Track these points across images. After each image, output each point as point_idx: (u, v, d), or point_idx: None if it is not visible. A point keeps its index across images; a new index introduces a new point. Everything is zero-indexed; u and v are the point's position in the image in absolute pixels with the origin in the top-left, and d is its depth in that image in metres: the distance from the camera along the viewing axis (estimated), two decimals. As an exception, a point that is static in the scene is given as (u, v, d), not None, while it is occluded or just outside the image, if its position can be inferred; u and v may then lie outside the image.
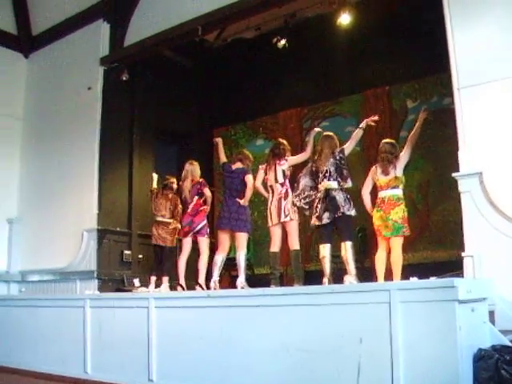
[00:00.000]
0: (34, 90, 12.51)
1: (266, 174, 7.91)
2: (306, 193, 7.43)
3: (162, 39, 10.41)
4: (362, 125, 7.40)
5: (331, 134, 7.57)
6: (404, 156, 7.11)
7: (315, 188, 7.36)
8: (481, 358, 4.54)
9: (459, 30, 7.03)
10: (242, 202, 8.01)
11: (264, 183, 7.98)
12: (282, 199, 7.61)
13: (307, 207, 7.42)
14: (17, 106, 12.52)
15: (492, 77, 6.69)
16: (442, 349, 4.44)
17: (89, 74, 11.28)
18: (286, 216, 7.54)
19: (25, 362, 8.20)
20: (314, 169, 7.43)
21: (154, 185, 9.72)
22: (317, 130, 8.08)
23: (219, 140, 8.68)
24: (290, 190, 7.66)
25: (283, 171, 7.74)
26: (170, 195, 9.45)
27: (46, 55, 12.42)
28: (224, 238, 8.20)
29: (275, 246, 7.75)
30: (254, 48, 11.63)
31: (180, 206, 9.35)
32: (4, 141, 12.16)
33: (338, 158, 7.20)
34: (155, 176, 9.89)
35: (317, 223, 7.21)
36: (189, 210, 8.68)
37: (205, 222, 8.70)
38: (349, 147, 7.34)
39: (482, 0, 6.95)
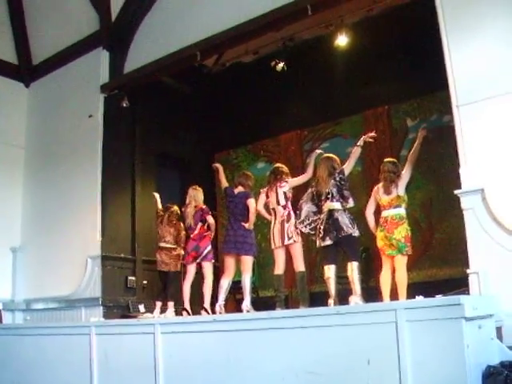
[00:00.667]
0: (36, 118, 12.59)
1: (267, 197, 7.91)
2: (311, 218, 7.40)
3: (161, 65, 10.50)
4: (360, 142, 7.37)
5: (329, 155, 7.53)
6: (405, 175, 7.12)
7: (319, 212, 7.35)
8: (490, 375, 4.51)
9: (456, 47, 7.09)
10: (246, 226, 8.00)
11: (266, 206, 7.98)
12: (285, 222, 7.60)
13: (313, 232, 7.39)
14: (18, 135, 12.59)
15: (490, 93, 6.74)
16: (450, 367, 4.42)
17: (89, 102, 11.36)
18: (289, 239, 7.52)
19: (31, 391, 8.17)
20: (314, 193, 7.43)
21: (159, 205, 9.69)
22: (318, 151, 8.08)
23: (219, 166, 8.70)
24: (292, 212, 7.66)
25: (285, 193, 7.73)
26: (174, 221, 9.45)
27: (46, 84, 12.52)
28: (230, 262, 8.18)
29: (279, 269, 7.71)
30: (253, 72, 11.66)
31: (183, 232, 9.34)
32: (6, 169, 12.23)
33: (337, 179, 7.17)
34: (157, 195, 9.85)
35: (321, 244, 7.20)
36: (193, 236, 8.68)
37: (210, 247, 8.67)
38: (348, 166, 7.32)
39: (477, 17, 7.01)
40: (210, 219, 8.70)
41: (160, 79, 11.51)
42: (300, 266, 7.55)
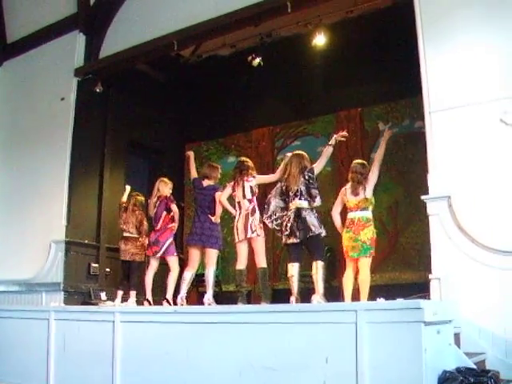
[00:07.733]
0: (7, 98, 12.38)
1: (233, 190, 7.86)
2: (278, 214, 7.39)
3: (137, 52, 10.39)
4: (332, 141, 7.38)
5: (300, 152, 7.54)
6: (372, 176, 7.16)
7: (286, 208, 7.35)
8: (445, 380, 4.56)
9: (432, 54, 7.15)
10: (213, 219, 8.00)
11: (232, 199, 7.94)
12: (249, 215, 7.56)
13: (279, 228, 7.39)
14: (-12, 114, 12.39)
15: (463, 102, 6.81)
16: (407, 370, 4.46)
17: (62, 85, 11.19)
18: (252, 232, 7.49)
19: (-14, 374, 8.07)
20: (283, 189, 7.40)
21: (124, 198, 9.64)
22: (289, 155, 8.03)
23: (191, 154, 8.65)
24: (256, 207, 7.65)
25: (251, 187, 7.69)
26: (137, 211, 9.40)
27: (20, 63, 12.32)
28: (195, 255, 8.17)
29: (241, 264, 7.68)
30: (229, 65, 11.66)
31: (146, 223, 9.30)
32: (-28, 147, 12.02)
33: (306, 177, 7.18)
34: (128, 188, 9.79)
35: (288, 241, 7.19)
36: (157, 227, 8.66)
37: (170, 241, 8.63)
38: (318, 166, 7.33)
39: (455, 26, 7.07)
40: (174, 207, 8.68)
41: (136, 66, 11.42)
42: (262, 261, 7.53)
